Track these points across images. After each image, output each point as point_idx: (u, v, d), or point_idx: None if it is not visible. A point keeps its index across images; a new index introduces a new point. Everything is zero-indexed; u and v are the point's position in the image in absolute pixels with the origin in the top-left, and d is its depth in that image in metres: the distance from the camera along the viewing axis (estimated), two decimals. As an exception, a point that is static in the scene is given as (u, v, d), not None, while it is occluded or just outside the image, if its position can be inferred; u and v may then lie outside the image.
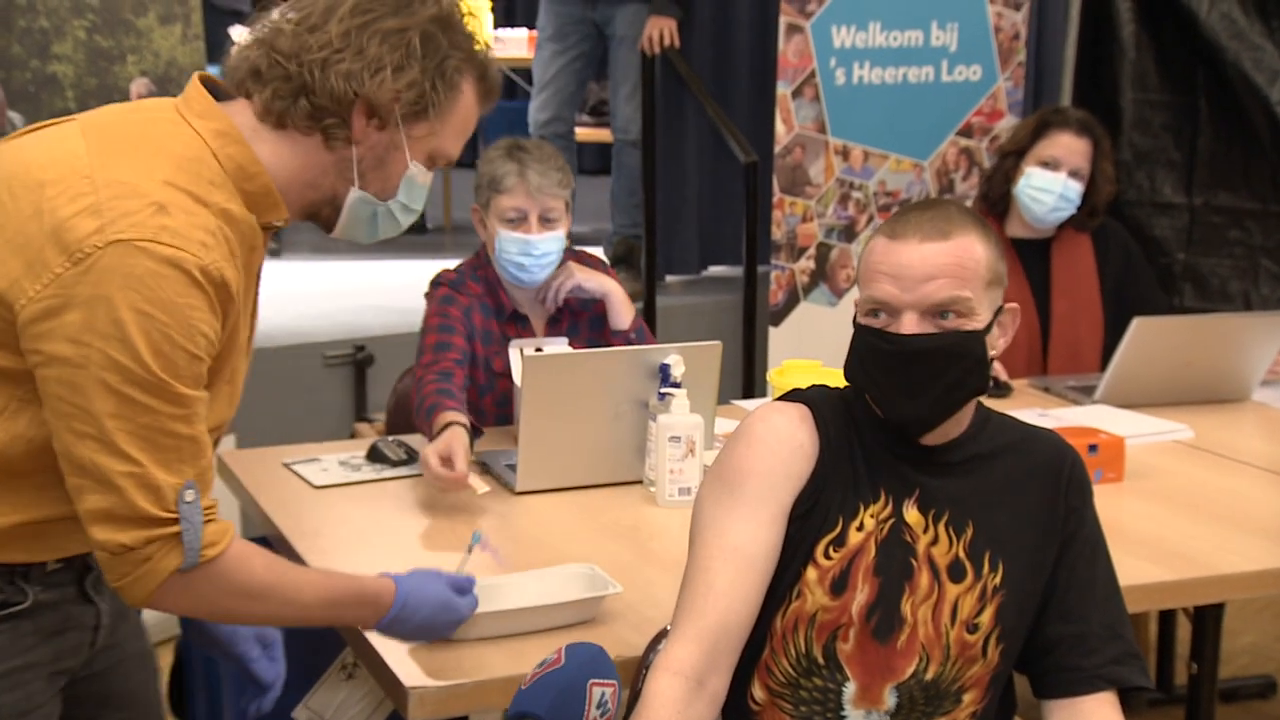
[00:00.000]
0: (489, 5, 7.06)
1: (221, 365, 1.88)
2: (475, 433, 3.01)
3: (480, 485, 2.75)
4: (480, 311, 3.37)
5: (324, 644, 2.58)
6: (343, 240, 2.13)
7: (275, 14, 1.94)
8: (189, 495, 1.76)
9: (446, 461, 2.80)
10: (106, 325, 1.70)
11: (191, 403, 1.78)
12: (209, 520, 1.79)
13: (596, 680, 1.24)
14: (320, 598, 2.02)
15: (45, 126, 1.97)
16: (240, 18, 6.52)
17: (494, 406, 3.30)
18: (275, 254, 1.77)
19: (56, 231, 1.72)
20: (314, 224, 2.05)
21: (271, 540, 2.82)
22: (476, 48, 2.01)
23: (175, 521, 1.77)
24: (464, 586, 2.15)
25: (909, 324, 2.02)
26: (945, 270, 2.01)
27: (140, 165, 1.81)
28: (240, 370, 2.00)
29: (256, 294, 2.02)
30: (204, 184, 1.83)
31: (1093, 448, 2.98)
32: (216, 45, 5.73)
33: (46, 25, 4.00)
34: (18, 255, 1.74)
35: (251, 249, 1.91)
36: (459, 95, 2.00)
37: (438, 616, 2.12)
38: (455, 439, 2.87)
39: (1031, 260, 3.94)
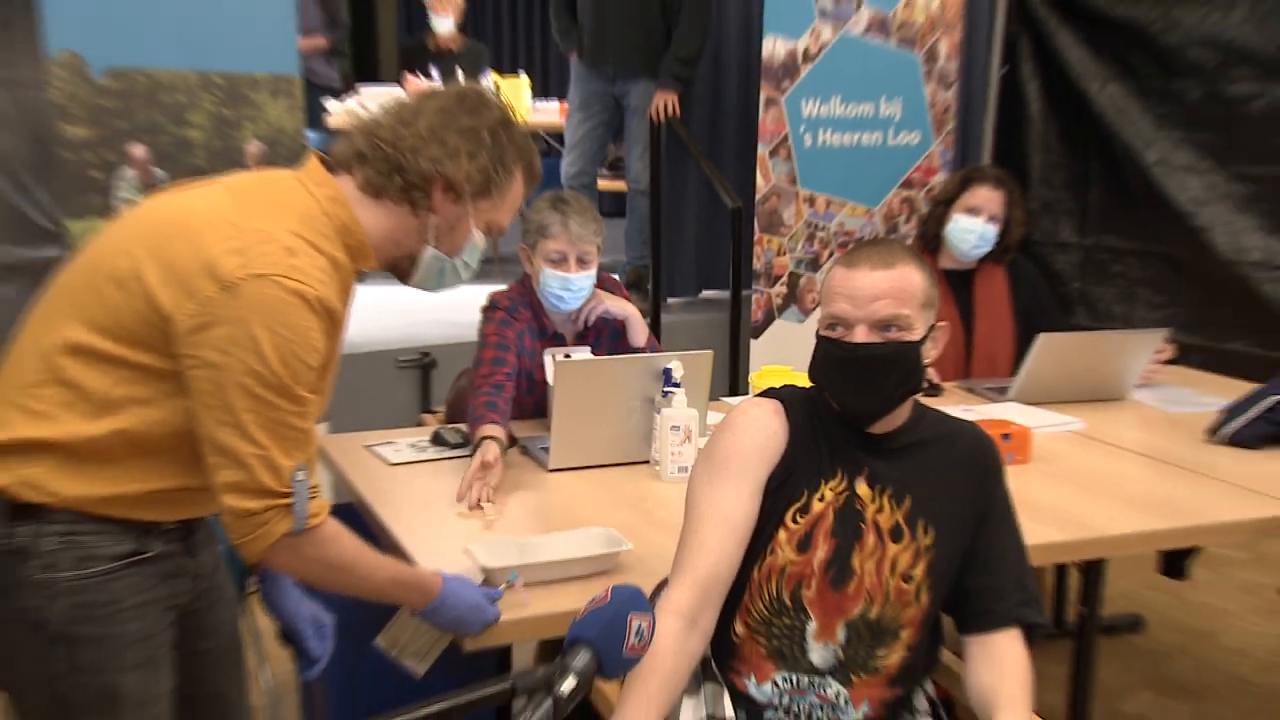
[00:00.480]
0: (529, 82, 7.04)
1: (324, 375, 1.96)
2: (510, 442, 3.03)
3: (491, 512, 2.75)
4: (529, 334, 3.39)
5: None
6: None
7: (376, 109, 2.07)
8: (300, 475, 1.85)
9: (483, 470, 2.84)
10: (246, 340, 1.78)
11: (307, 403, 1.88)
12: (313, 497, 1.88)
13: (635, 613, 1.24)
14: (388, 578, 2.09)
15: (193, 184, 2.04)
16: (333, 93, 6.53)
17: (533, 404, 3.31)
18: (360, 279, 1.80)
19: (208, 265, 1.78)
20: (392, 274, 2.14)
21: (356, 506, 2.82)
22: (526, 144, 2.11)
23: (289, 495, 1.84)
24: (493, 597, 2.17)
25: (860, 335, 2.05)
26: (889, 293, 2.05)
27: (273, 218, 1.89)
28: (332, 378, 2.07)
29: (344, 330, 2.08)
30: (319, 236, 1.93)
31: (1006, 436, 2.98)
32: (313, 114, 5.75)
33: (184, 99, 4.00)
34: (177, 283, 1.80)
35: (348, 290, 2.02)
36: (513, 179, 2.11)
37: (468, 615, 2.15)
38: (493, 452, 2.89)
39: (958, 287, 3.93)
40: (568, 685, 1.18)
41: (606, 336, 3.46)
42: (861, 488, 2.10)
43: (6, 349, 1.97)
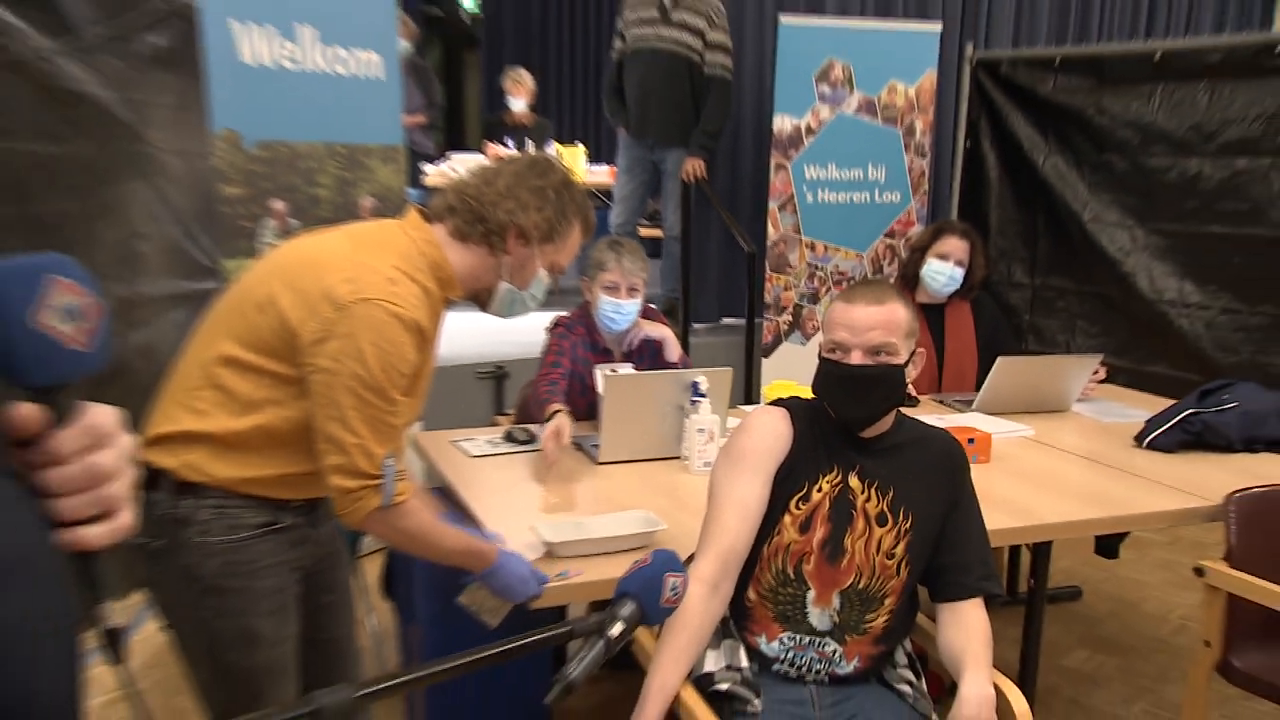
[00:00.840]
0: (585, 150, 7.05)
1: (415, 383, 2.02)
2: (572, 416, 3.06)
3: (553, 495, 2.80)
4: (582, 347, 3.41)
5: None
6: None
7: (464, 171, 2.18)
8: (389, 461, 1.91)
9: (557, 436, 2.88)
10: (354, 351, 1.86)
11: (399, 404, 1.93)
12: (400, 479, 1.93)
13: (671, 573, 1.24)
14: (454, 547, 2.12)
15: (319, 232, 2.15)
16: (429, 159, 6.57)
17: (585, 407, 3.29)
18: (449, 306, 1.87)
19: (327, 291, 1.88)
20: (474, 303, 2.20)
21: (445, 489, 2.84)
22: (583, 201, 2.17)
23: (380, 477, 1.91)
24: (541, 578, 2.19)
25: (856, 358, 2.07)
26: (880, 324, 2.08)
27: (379, 256, 1.97)
28: (425, 386, 2.12)
29: (436, 350, 2.13)
30: (414, 269, 2.00)
31: (970, 440, 2.97)
32: (414, 176, 5.78)
33: (314, 165, 4.03)
34: (304, 306, 1.88)
35: (437, 314, 2.07)
36: (572, 228, 2.17)
37: (516, 585, 2.17)
38: (564, 421, 2.93)
39: (932, 318, 3.91)
40: (616, 629, 1.18)
41: (647, 354, 3.46)
42: (853, 481, 2.11)
43: (176, 360, 2.04)
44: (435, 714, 2.99)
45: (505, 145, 6.59)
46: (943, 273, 3.86)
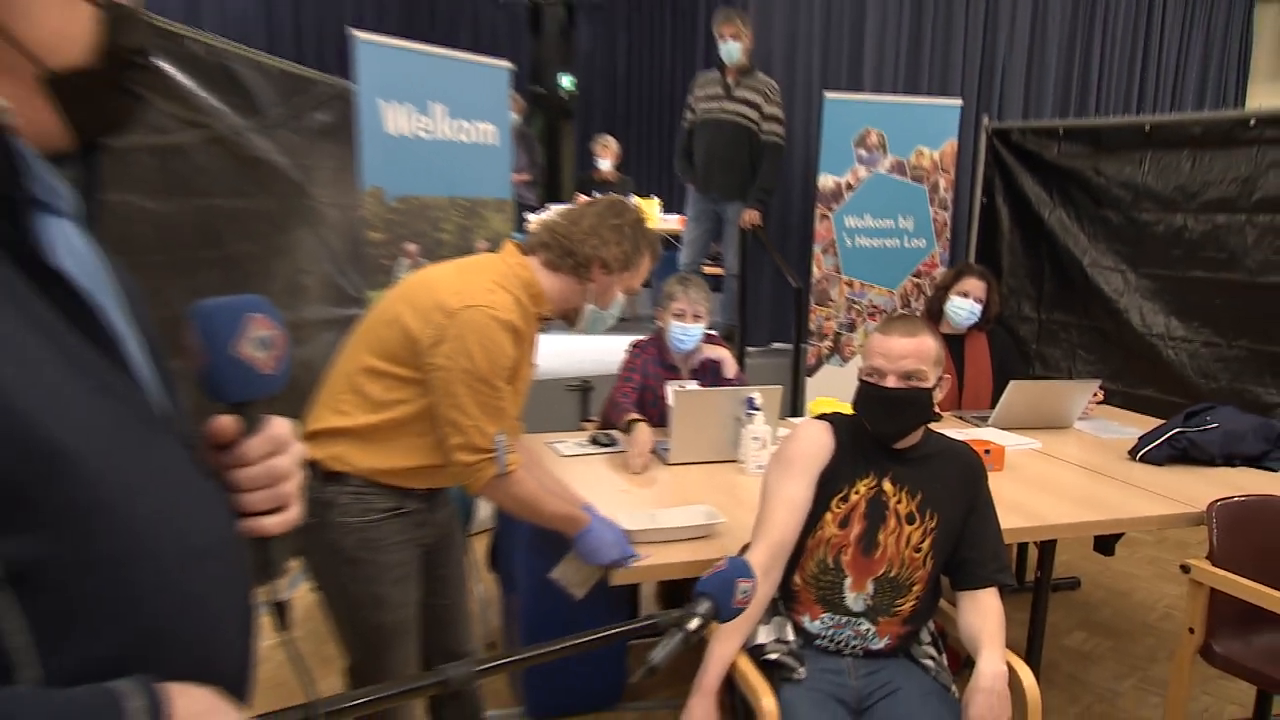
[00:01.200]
0: (659, 202, 7.08)
1: (516, 375, 2.07)
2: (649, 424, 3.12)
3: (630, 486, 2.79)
4: (654, 364, 3.42)
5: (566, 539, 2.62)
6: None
7: (553, 213, 2.22)
8: (500, 438, 1.98)
9: (642, 451, 2.96)
10: (463, 350, 1.93)
11: (503, 390, 2.00)
12: (511, 453, 2.01)
13: (741, 578, 1.24)
14: (555, 511, 2.18)
15: (437, 264, 2.17)
16: (532, 210, 6.64)
17: (657, 416, 3.29)
18: (544, 328, 1.93)
19: (438, 303, 1.95)
20: (563, 321, 2.23)
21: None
22: (652, 236, 2.22)
23: (494, 451, 1.99)
24: (629, 552, 2.25)
25: (891, 381, 2.06)
26: (912, 354, 2.07)
27: (480, 274, 2.05)
28: (525, 387, 2.16)
29: (533, 353, 2.16)
30: (509, 284, 2.06)
31: (986, 451, 2.92)
32: (520, 224, 5.84)
33: (440, 215, 4.11)
34: (421, 317, 1.96)
35: (531, 324, 2.09)
36: (643, 259, 2.21)
37: (603, 550, 2.21)
38: (646, 434, 3.00)
39: (954, 347, 3.86)
40: (694, 623, 1.18)
41: (709, 372, 3.46)
42: (887, 485, 2.09)
43: (327, 372, 2.11)
44: (532, 676, 3.02)
45: (593, 197, 6.64)
46: (963, 308, 3.82)
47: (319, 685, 0.95)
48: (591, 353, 5.13)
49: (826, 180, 5.35)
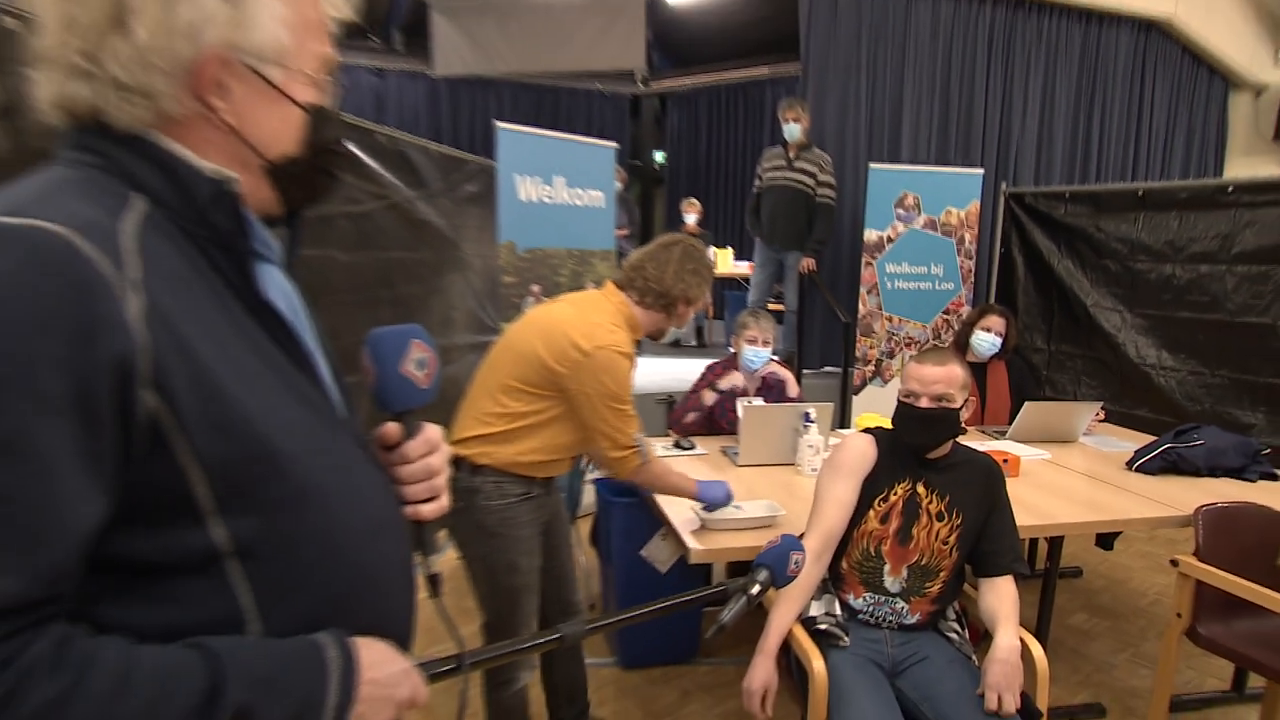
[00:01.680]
0: (732, 250, 7.05)
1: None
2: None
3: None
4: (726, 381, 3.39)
5: (654, 524, 2.61)
6: (662, 347, 2.39)
7: (639, 255, 2.21)
8: (638, 436, 2.09)
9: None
10: (601, 381, 2.01)
11: (630, 403, 2.07)
12: (648, 447, 2.12)
13: (794, 551, 1.23)
14: (678, 484, 2.26)
15: (549, 301, 2.32)
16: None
17: (728, 425, 3.28)
18: (638, 350, 2.06)
19: (574, 342, 2.01)
20: (649, 338, 2.26)
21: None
22: (709, 273, 2.27)
23: (636, 445, 2.09)
24: (728, 499, 2.34)
25: (924, 403, 2.02)
26: (942, 380, 2.03)
27: (599, 315, 2.10)
28: None
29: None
30: (619, 320, 2.13)
31: (1005, 460, 2.82)
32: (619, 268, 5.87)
33: (558, 263, 4.16)
34: (557, 351, 2.02)
35: (633, 348, 2.14)
36: (706, 290, 2.25)
37: (716, 495, 2.32)
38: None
39: (977, 373, 3.76)
40: (755, 590, 1.18)
41: (773, 391, 3.42)
42: (920, 488, 2.04)
43: (468, 387, 2.18)
44: (624, 633, 3.02)
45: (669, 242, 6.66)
46: (986, 341, 3.72)
47: (462, 636, 0.98)
48: (675, 372, 5.14)
49: (871, 234, 5.26)
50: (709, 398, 3.35)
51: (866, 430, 2.17)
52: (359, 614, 0.86)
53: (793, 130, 5.13)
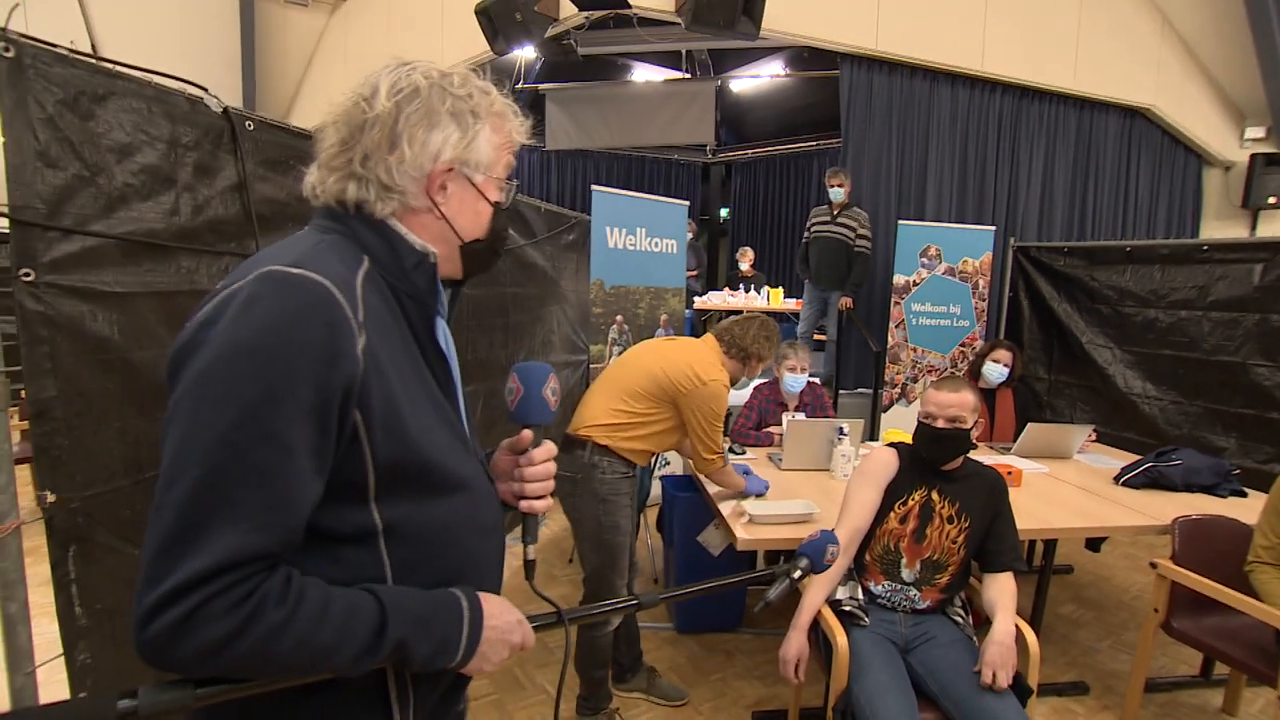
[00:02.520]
0: (783, 289, 6.96)
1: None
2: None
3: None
4: (770, 402, 3.33)
5: (709, 515, 2.57)
6: None
7: (730, 322, 2.34)
8: (725, 443, 2.28)
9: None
10: (708, 403, 2.15)
11: (722, 420, 2.20)
12: (729, 451, 2.13)
13: (831, 544, 1.21)
14: (733, 482, 2.37)
15: (667, 339, 2.37)
16: (698, 294, 6.64)
17: (775, 437, 3.23)
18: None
19: (695, 372, 2.17)
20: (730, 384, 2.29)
21: (693, 479, 2.79)
22: (777, 341, 2.40)
23: (722, 451, 2.23)
24: (764, 488, 2.46)
25: (941, 424, 1.96)
26: (957, 405, 1.96)
27: (709, 357, 2.25)
28: None
29: None
30: (718, 362, 2.27)
31: (1009, 472, 2.73)
32: (689, 303, 5.85)
33: (637, 298, 4.17)
34: (679, 374, 2.17)
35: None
36: (773, 353, 2.37)
37: (755, 488, 2.45)
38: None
39: (988, 398, 3.63)
40: (797, 574, 1.17)
41: (810, 405, 3.35)
42: (935, 495, 1.98)
43: (591, 389, 2.29)
44: (681, 604, 2.99)
45: (735, 290, 6.60)
46: (995, 370, 3.59)
47: (555, 601, 1.00)
48: (732, 395, 5.10)
49: (899, 278, 5.12)
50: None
51: (891, 444, 2.13)
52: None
53: (837, 193, 5.08)
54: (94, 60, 1.30)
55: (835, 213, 5.13)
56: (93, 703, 0.69)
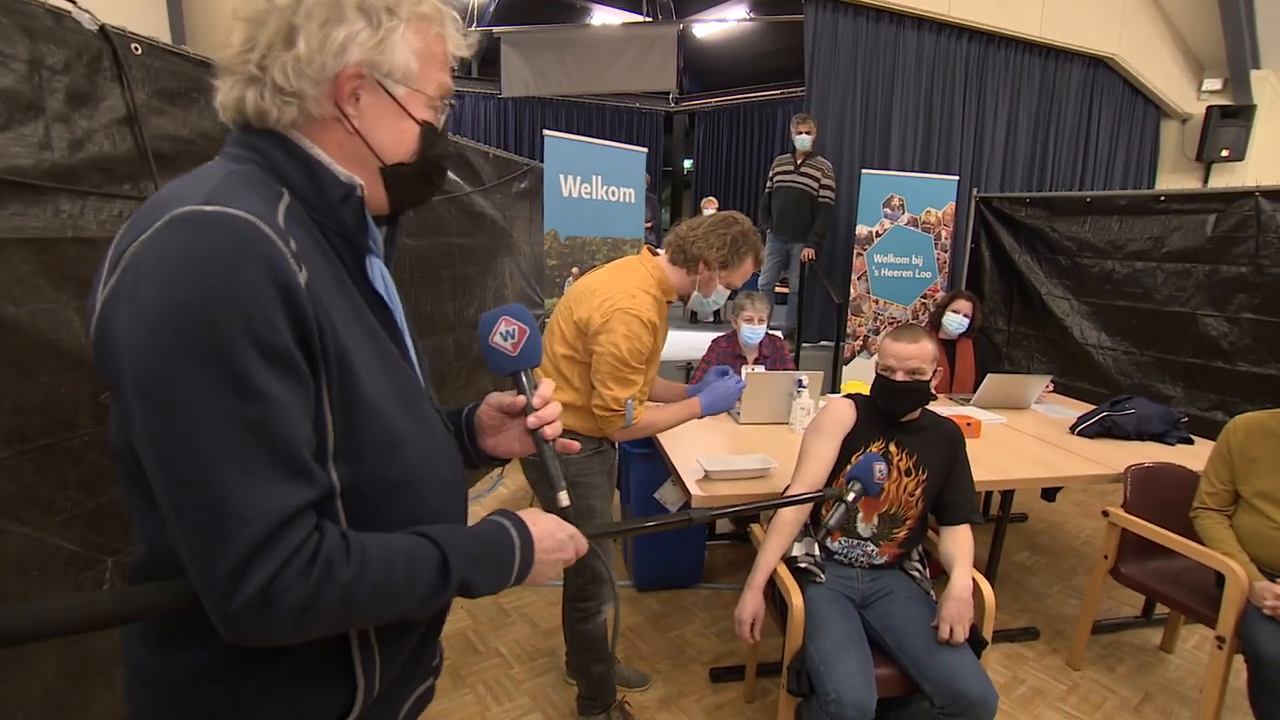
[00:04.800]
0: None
1: (652, 358, 1.88)
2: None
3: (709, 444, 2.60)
4: (728, 354, 3.25)
5: (665, 472, 2.50)
6: (683, 320, 2.18)
7: (684, 222, 1.93)
8: (628, 401, 1.81)
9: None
10: (612, 341, 1.78)
11: (639, 371, 1.82)
12: (637, 408, 1.86)
13: (876, 464, 1.17)
14: (671, 420, 1.96)
15: (593, 268, 2.15)
16: (655, 248, 6.51)
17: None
18: (671, 304, 1.81)
19: (600, 305, 1.81)
20: (680, 303, 1.98)
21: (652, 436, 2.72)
22: (755, 242, 1.91)
23: (621, 409, 1.82)
24: (739, 390, 2.03)
25: (899, 376, 1.88)
26: (915, 356, 1.88)
27: (627, 281, 1.86)
28: (658, 359, 1.94)
29: (664, 338, 1.94)
30: (648, 284, 1.87)
31: (968, 424, 2.71)
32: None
33: (594, 249, 4.02)
34: (588, 314, 1.82)
35: (664, 310, 1.91)
36: (744, 260, 1.90)
37: (722, 403, 2.00)
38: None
39: (947, 348, 3.61)
40: (851, 496, 1.15)
41: (770, 358, 3.27)
42: (892, 447, 1.92)
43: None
44: (639, 558, 2.95)
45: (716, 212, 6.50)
46: (956, 321, 3.55)
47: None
48: (693, 344, 5.03)
49: (862, 229, 5.05)
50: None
51: (849, 396, 2.05)
52: None
53: (803, 140, 4.95)
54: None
55: (799, 162, 5.00)
56: (171, 587, 0.71)
